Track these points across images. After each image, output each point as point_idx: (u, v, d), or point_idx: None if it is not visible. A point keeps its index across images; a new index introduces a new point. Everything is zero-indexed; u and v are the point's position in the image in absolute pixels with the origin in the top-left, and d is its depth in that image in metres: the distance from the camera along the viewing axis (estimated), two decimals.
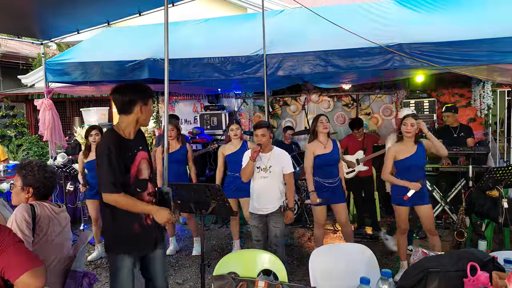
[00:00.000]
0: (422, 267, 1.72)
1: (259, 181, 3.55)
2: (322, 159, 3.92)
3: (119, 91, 2.34)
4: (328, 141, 3.97)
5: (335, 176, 3.97)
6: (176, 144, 4.63)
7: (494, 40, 3.76)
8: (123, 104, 2.32)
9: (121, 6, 4.65)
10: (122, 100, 2.32)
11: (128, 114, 2.33)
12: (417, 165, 3.66)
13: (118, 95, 2.33)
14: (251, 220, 3.66)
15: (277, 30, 4.91)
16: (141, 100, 2.33)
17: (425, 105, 6.21)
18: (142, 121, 2.39)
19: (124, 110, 2.34)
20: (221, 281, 2.06)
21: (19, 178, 2.32)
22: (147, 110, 2.38)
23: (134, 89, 2.37)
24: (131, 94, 2.32)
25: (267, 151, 3.55)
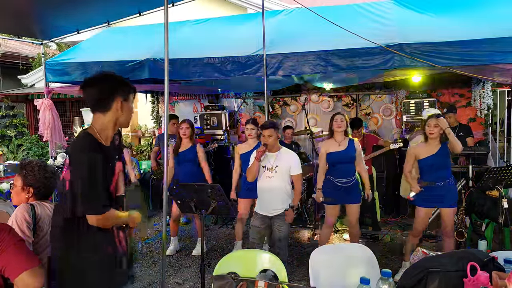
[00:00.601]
0: (422, 267, 1.72)
1: (264, 180, 3.53)
2: (334, 157, 3.90)
3: (92, 82, 1.93)
4: (344, 140, 3.93)
5: (349, 176, 3.90)
6: (188, 143, 4.65)
7: (494, 40, 3.75)
8: (99, 99, 1.89)
9: (121, 6, 4.64)
10: (97, 94, 1.90)
11: (105, 111, 1.89)
12: (438, 164, 3.61)
13: (91, 88, 1.91)
14: (254, 219, 3.63)
15: (277, 30, 4.90)
16: (121, 94, 1.91)
17: (425, 105, 6.21)
18: (122, 121, 1.96)
19: (99, 106, 1.90)
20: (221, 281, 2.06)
21: (20, 178, 2.32)
22: (127, 108, 1.95)
23: (112, 80, 1.95)
24: (108, 86, 1.91)
25: (274, 150, 3.53)
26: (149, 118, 8.57)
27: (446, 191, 3.62)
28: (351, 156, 3.90)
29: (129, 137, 9.68)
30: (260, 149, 3.43)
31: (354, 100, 6.96)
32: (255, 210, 3.66)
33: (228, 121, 7.22)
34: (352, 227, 4.05)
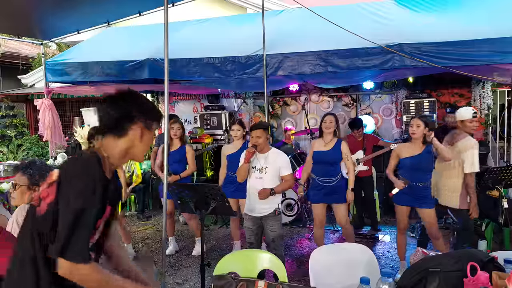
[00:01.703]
0: (422, 267, 1.72)
1: (253, 181, 3.53)
2: (318, 156, 3.96)
3: (114, 97, 1.47)
4: (332, 141, 3.94)
5: (331, 176, 3.93)
6: (177, 143, 4.63)
7: (494, 40, 3.76)
8: (116, 118, 1.44)
9: (121, 6, 4.65)
10: (116, 112, 1.44)
11: (119, 136, 1.45)
12: (419, 166, 3.61)
13: (111, 103, 1.46)
14: (245, 221, 3.63)
15: (277, 30, 4.91)
16: (144, 118, 1.48)
17: (425, 105, 6.21)
18: (136, 153, 1.51)
19: (113, 127, 1.45)
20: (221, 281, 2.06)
21: (25, 177, 2.28)
22: (147, 139, 1.51)
23: (136, 100, 1.50)
24: (131, 106, 1.47)
25: (264, 151, 3.52)
26: None
27: (425, 193, 3.62)
28: (335, 157, 3.92)
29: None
30: (249, 150, 3.42)
31: (354, 100, 6.96)
32: (245, 211, 3.65)
33: (228, 121, 7.21)
34: (342, 226, 4.07)
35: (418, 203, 3.66)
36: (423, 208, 3.63)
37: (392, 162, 3.78)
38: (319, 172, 3.98)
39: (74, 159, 1.44)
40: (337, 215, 4.02)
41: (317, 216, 4.03)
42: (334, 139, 3.96)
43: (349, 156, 3.96)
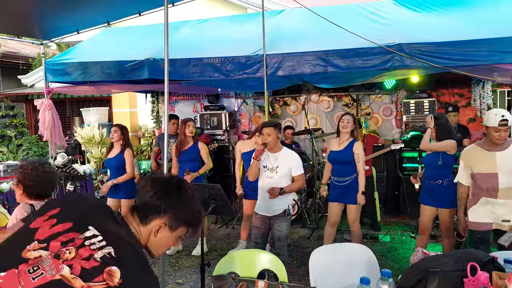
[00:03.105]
0: (422, 267, 1.73)
1: (264, 180, 3.52)
2: (332, 156, 4.04)
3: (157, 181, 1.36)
4: (347, 141, 3.97)
5: (345, 175, 3.95)
6: (190, 142, 4.67)
7: (494, 40, 3.76)
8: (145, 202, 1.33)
9: (121, 6, 4.64)
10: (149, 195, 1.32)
11: (144, 223, 1.32)
12: (431, 163, 3.68)
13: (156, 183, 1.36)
14: (254, 219, 3.62)
15: (277, 30, 4.90)
16: (174, 215, 1.33)
17: (425, 105, 6.21)
18: (151, 247, 1.37)
19: (143, 214, 1.32)
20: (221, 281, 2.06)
21: (16, 175, 2.37)
22: (167, 237, 1.35)
23: (175, 192, 1.34)
24: (162, 195, 1.32)
25: (275, 151, 3.50)
26: (149, 118, 8.57)
27: (442, 191, 3.63)
28: (347, 157, 3.93)
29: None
30: (258, 148, 3.40)
31: (354, 100, 6.96)
32: (255, 210, 3.65)
33: (228, 121, 7.21)
34: (350, 225, 4.08)
35: (435, 203, 3.67)
36: (441, 208, 3.66)
37: None
38: (334, 171, 4.07)
39: (135, 260, 1.19)
40: (348, 214, 4.05)
41: (331, 215, 4.06)
42: (349, 139, 3.97)
43: (361, 158, 3.93)
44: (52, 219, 1.18)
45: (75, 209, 1.26)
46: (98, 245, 1.12)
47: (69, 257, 1.08)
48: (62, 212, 1.20)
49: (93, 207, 1.29)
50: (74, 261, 1.08)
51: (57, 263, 1.07)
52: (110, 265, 1.09)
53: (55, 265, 1.07)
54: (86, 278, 1.06)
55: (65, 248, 1.10)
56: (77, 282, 1.05)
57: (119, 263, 1.11)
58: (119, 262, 1.11)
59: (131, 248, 1.20)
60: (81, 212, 1.24)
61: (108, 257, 1.11)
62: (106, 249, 1.12)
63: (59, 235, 1.13)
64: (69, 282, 1.04)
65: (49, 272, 1.05)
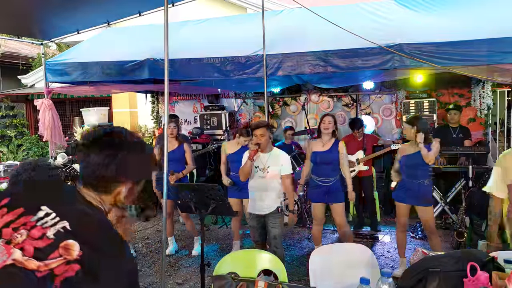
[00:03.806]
0: (422, 267, 1.72)
1: (257, 180, 3.56)
2: (316, 157, 4.01)
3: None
4: (330, 141, 3.99)
5: (330, 176, 3.98)
6: (174, 143, 4.63)
7: (494, 40, 3.75)
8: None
9: (121, 6, 4.65)
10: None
11: (105, 193, 1.30)
12: (413, 164, 3.70)
13: None
14: (250, 220, 3.67)
15: (277, 30, 4.90)
16: (129, 180, 1.31)
17: (425, 105, 6.21)
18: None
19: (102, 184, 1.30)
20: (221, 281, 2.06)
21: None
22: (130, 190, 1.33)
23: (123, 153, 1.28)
24: (112, 160, 1.26)
25: (267, 151, 3.55)
26: (149, 118, 8.57)
27: (422, 190, 3.69)
28: (333, 158, 3.97)
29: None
30: (252, 148, 3.43)
31: (354, 100, 6.96)
32: (248, 211, 3.67)
33: (228, 121, 7.21)
34: (340, 226, 4.09)
35: (416, 201, 3.73)
36: (421, 206, 3.71)
37: (396, 161, 3.92)
38: (317, 172, 4.04)
39: (94, 226, 1.17)
40: (335, 215, 4.06)
41: (316, 214, 4.13)
42: (332, 139, 4.00)
43: (345, 157, 4.01)
44: (3, 209, 1.14)
45: (25, 194, 1.22)
46: (50, 223, 1.09)
47: (20, 240, 1.05)
48: (12, 200, 1.17)
49: (44, 186, 1.26)
50: (25, 243, 1.05)
51: (8, 248, 1.05)
52: (65, 239, 1.06)
53: (6, 251, 1.04)
54: (41, 257, 1.03)
55: (16, 233, 1.08)
56: (31, 263, 1.02)
57: (75, 235, 1.07)
58: (76, 234, 1.08)
59: (88, 217, 1.16)
60: (31, 194, 1.21)
61: (62, 232, 1.08)
62: (59, 224, 1.09)
63: (11, 223, 1.10)
64: (22, 265, 1.02)
65: (0, 259, 1.03)
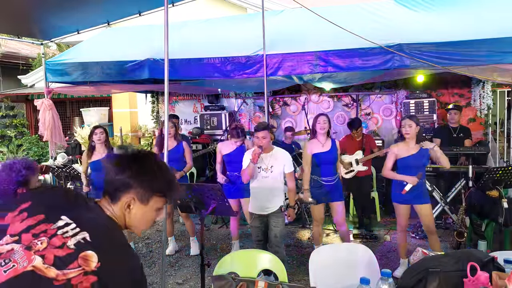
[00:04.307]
0: (422, 267, 1.72)
1: (260, 181, 3.57)
2: (320, 158, 3.99)
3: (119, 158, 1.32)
4: (327, 140, 4.00)
5: (333, 175, 4.01)
6: (173, 142, 4.63)
7: (494, 40, 3.76)
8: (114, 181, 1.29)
9: (121, 6, 4.64)
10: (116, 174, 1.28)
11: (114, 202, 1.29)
12: (416, 164, 3.69)
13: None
14: (252, 220, 3.67)
15: (277, 30, 4.90)
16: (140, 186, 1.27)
17: (425, 105, 6.21)
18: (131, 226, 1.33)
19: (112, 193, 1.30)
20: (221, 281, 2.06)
21: None
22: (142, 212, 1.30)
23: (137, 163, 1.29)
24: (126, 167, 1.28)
25: (268, 151, 3.58)
26: (149, 118, 8.57)
27: (421, 189, 3.71)
28: (335, 157, 4.00)
29: (129, 137, 9.69)
30: (255, 152, 3.44)
31: (354, 100, 6.96)
32: (251, 211, 3.68)
33: (228, 121, 7.21)
34: (339, 224, 4.12)
35: (417, 200, 3.73)
36: (421, 204, 3.72)
37: (390, 162, 3.82)
38: (322, 173, 4.02)
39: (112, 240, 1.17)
40: (334, 213, 4.08)
41: (318, 214, 4.10)
42: (328, 139, 4.02)
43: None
44: (23, 213, 1.15)
45: (46, 201, 1.23)
46: (71, 233, 1.10)
47: (41, 248, 1.06)
48: (33, 205, 1.18)
49: (64, 196, 1.27)
50: (46, 251, 1.06)
51: (29, 254, 1.05)
52: (84, 250, 1.07)
53: (26, 257, 1.05)
54: (60, 266, 1.03)
55: (37, 240, 1.08)
56: (51, 271, 1.02)
57: (95, 247, 1.09)
58: (95, 246, 1.09)
59: (107, 230, 1.18)
60: (52, 203, 1.21)
61: (82, 243, 1.09)
62: (80, 235, 1.10)
63: (31, 228, 1.11)
64: (42, 272, 1.02)
65: (20, 264, 1.03)
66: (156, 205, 1.32)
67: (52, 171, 5.37)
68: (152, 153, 1.39)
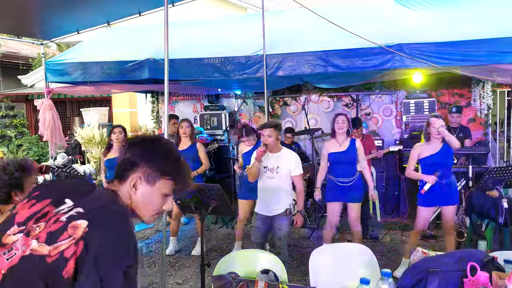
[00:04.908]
0: (422, 267, 1.72)
1: (265, 181, 3.54)
2: (334, 158, 3.98)
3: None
4: (346, 140, 3.97)
5: (349, 176, 3.95)
6: (187, 142, 4.66)
7: (494, 40, 3.76)
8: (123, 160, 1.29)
9: (121, 6, 4.64)
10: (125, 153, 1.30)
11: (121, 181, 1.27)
12: (441, 162, 3.68)
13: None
14: (255, 220, 3.64)
15: (277, 30, 4.90)
16: (147, 165, 1.25)
17: (425, 105, 6.21)
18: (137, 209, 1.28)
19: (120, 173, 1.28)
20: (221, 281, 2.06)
21: None
22: (148, 193, 1.26)
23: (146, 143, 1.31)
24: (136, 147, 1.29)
25: (276, 151, 3.52)
26: (149, 118, 8.57)
27: (450, 189, 3.70)
28: (351, 157, 3.95)
29: (129, 137, 9.68)
30: (260, 149, 3.42)
31: (354, 100, 6.95)
32: (255, 210, 3.66)
33: (228, 121, 7.21)
34: (351, 225, 4.08)
35: (444, 201, 3.72)
36: (448, 205, 3.71)
37: (412, 162, 3.83)
38: (336, 172, 3.99)
39: (105, 210, 1.14)
40: (350, 214, 4.03)
41: (332, 214, 4.04)
42: (348, 138, 3.99)
43: (362, 153, 3.99)
44: (32, 200, 1.17)
45: (55, 187, 1.25)
46: (66, 209, 1.11)
47: (38, 232, 1.07)
48: (42, 193, 1.20)
49: (75, 183, 1.30)
50: (42, 232, 1.07)
51: (27, 239, 1.07)
52: (75, 220, 1.06)
53: (25, 242, 1.07)
54: (52, 241, 1.04)
55: (36, 225, 1.09)
56: (44, 249, 1.03)
57: (87, 215, 1.07)
58: (87, 214, 1.08)
59: (104, 201, 1.18)
60: (61, 188, 1.23)
61: (74, 215, 1.08)
62: (74, 210, 1.10)
63: (36, 214, 1.12)
64: (37, 252, 1.03)
65: (20, 250, 1.05)
66: (163, 189, 1.28)
67: (52, 171, 5.38)
68: (163, 138, 1.40)
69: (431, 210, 3.81)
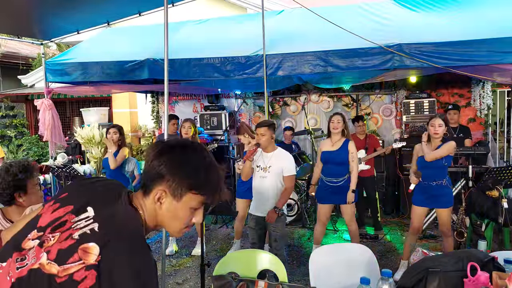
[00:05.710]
0: (422, 267, 1.72)
1: (258, 180, 3.54)
2: (325, 156, 3.99)
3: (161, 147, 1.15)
4: (339, 141, 3.97)
5: (338, 176, 3.94)
6: None
7: (494, 40, 3.76)
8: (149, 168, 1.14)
9: (121, 6, 4.64)
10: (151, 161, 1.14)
11: (146, 194, 1.15)
12: (431, 164, 3.66)
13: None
14: (249, 221, 3.63)
15: (277, 30, 4.90)
16: (172, 178, 1.10)
17: (425, 105, 6.21)
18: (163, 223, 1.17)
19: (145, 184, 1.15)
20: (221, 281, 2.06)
21: None
22: (174, 208, 1.12)
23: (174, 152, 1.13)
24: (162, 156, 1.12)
25: (269, 150, 3.52)
26: (149, 118, 8.57)
27: (441, 192, 3.66)
28: (342, 157, 3.92)
29: (129, 137, 9.68)
30: (251, 148, 3.42)
31: (354, 100, 6.96)
32: (249, 211, 3.65)
33: (228, 121, 7.21)
34: (347, 224, 4.10)
35: (434, 203, 3.72)
36: (439, 208, 3.70)
37: (414, 163, 3.85)
38: (326, 172, 4.01)
39: (119, 238, 1.02)
40: (344, 215, 4.05)
41: (321, 214, 4.07)
42: (342, 139, 3.98)
43: (355, 157, 3.96)
44: (56, 203, 1.11)
45: (81, 191, 1.16)
46: (82, 224, 1.02)
47: (51, 243, 1.01)
48: (68, 196, 1.13)
49: (102, 187, 1.18)
50: (53, 246, 1.00)
51: (39, 251, 1.01)
52: (86, 242, 0.98)
53: (36, 254, 1.01)
54: (61, 260, 0.97)
55: (51, 235, 1.03)
56: (52, 268, 0.96)
57: (100, 239, 0.98)
58: (101, 237, 0.99)
59: (121, 220, 1.06)
60: (85, 193, 1.14)
61: (87, 234, 1.00)
62: (89, 226, 1.01)
63: (56, 221, 1.06)
64: (45, 269, 0.97)
65: (30, 261, 1.00)
66: (191, 204, 1.13)
67: (52, 171, 5.38)
68: (199, 145, 1.18)
69: (423, 210, 3.79)
